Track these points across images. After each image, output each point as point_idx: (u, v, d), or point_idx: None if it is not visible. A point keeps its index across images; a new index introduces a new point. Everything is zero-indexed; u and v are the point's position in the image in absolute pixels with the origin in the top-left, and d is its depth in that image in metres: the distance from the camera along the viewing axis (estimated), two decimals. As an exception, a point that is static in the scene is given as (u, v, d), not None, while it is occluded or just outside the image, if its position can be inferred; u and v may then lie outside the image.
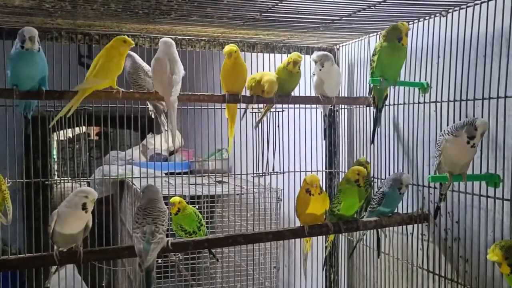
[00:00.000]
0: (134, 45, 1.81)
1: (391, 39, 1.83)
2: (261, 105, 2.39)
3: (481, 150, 1.69)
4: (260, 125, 2.35)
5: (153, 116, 2.14)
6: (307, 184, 1.84)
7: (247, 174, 2.70)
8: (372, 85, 1.99)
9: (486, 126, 1.58)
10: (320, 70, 2.06)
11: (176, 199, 2.12)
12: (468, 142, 1.59)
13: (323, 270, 2.23)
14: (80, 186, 3.43)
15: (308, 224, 1.88)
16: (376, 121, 2.06)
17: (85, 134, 4.22)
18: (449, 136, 1.63)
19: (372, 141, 2.13)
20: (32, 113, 1.90)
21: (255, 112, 2.49)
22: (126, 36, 1.80)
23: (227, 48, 1.94)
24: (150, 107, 2.12)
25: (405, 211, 2.11)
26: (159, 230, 1.70)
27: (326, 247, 2.20)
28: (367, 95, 2.16)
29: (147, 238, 1.67)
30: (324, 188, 2.67)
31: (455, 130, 1.62)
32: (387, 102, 2.16)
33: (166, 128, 2.13)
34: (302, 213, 1.90)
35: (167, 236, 1.74)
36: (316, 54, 2.11)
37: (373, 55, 1.90)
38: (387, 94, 2.05)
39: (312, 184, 1.83)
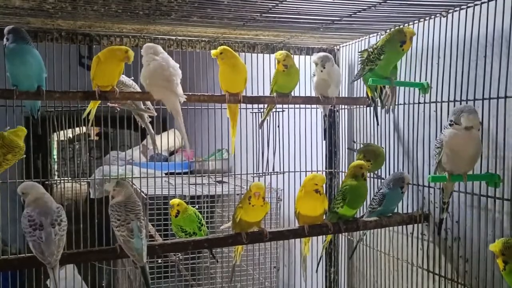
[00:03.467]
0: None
1: (395, 41, 1.82)
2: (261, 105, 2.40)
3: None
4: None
5: (143, 126, 2.15)
6: (316, 185, 1.84)
7: (247, 174, 2.70)
8: (358, 75, 2.01)
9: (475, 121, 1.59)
10: (322, 71, 2.06)
11: (175, 201, 2.09)
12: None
13: (317, 270, 2.23)
14: (80, 186, 3.42)
15: (307, 224, 1.89)
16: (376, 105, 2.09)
17: (85, 135, 4.22)
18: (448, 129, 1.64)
19: (377, 121, 2.16)
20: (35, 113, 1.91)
21: (255, 112, 2.49)
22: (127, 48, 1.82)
23: (212, 51, 1.93)
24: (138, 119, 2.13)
25: (405, 211, 2.11)
26: (143, 225, 1.69)
27: (323, 246, 2.21)
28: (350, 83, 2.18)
29: (136, 235, 1.65)
30: (324, 188, 2.67)
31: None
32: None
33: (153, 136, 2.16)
34: (302, 213, 1.90)
35: (166, 236, 1.74)
36: (316, 55, 2.11)
37: (380, 54, 1.86)
38: (381, 87, 2.05)
39: (321, 184, 1.84)
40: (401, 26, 1.96)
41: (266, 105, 2.22)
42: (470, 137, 1.60)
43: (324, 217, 1.95)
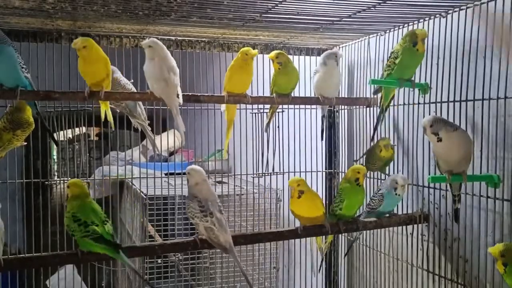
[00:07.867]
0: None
1: (409, 42, 1.83)
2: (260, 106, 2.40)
3: (480, 151, 1.70)
4: (260, 125, 2.35)
5: (140, 128, 2.15)
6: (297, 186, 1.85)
7: (247, 174, 2.70)
8: (379, 86, 1.99)
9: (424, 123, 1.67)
10: (325, 66, 2.07)
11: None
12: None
13: (318, 271, 2.24)
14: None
15: (307, 224, 1.89)
16: (379, 120, 2.07)
17: (85, 135, 4.22)
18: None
19: (372, 139, 2.13)
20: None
21: (255, 113, 2.49)
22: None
23: (247, 50, 1.93)
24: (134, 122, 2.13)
25: (405, 212, 2.11)
26: None
27: (323, 248, 2.21)
28: (372, 95, 2.15)
29: None
30: (324, 189, 2.67)
31: None
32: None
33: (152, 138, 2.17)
34: (297, 215, 1.91)
35: (166, 236, 1.72)
36: (324, 53, 2.13)
37: (395, 57, 1.87)
38: (394, 95, 2.06)
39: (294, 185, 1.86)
40: (405, 27, 1.95)
41: (266, 106, 2.22)
42: (449, 142, 1.64)
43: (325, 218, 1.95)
